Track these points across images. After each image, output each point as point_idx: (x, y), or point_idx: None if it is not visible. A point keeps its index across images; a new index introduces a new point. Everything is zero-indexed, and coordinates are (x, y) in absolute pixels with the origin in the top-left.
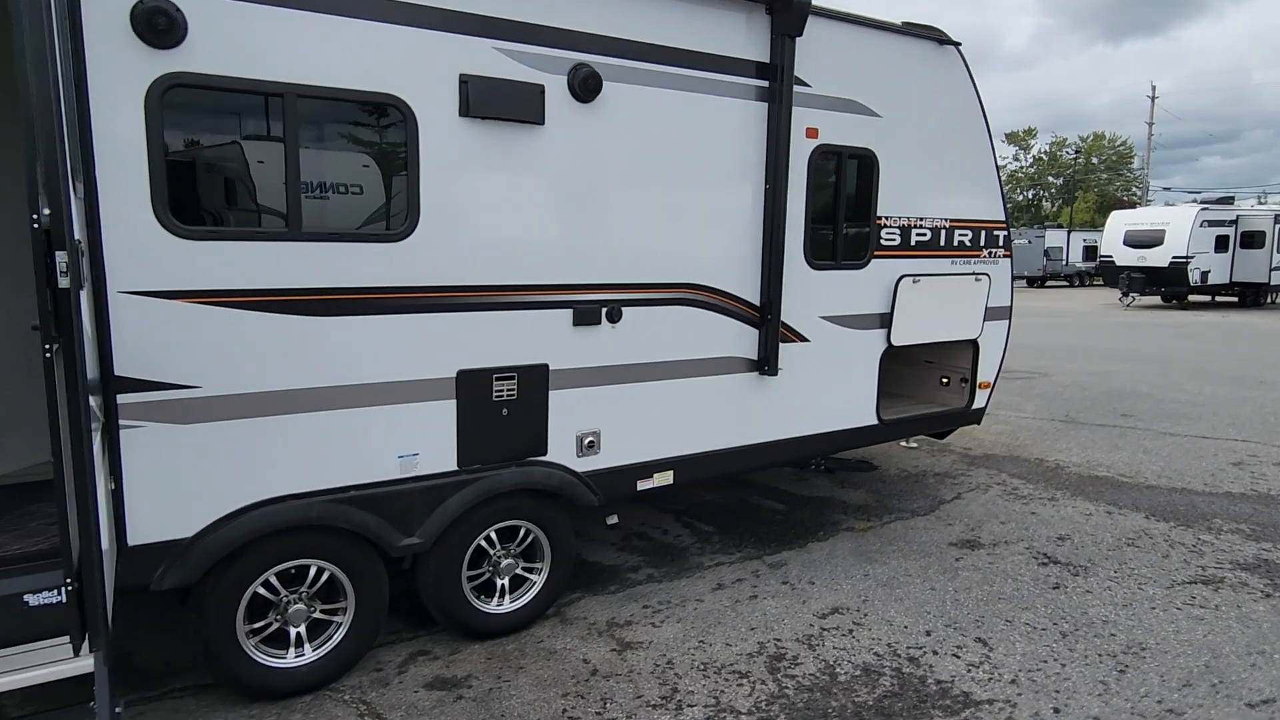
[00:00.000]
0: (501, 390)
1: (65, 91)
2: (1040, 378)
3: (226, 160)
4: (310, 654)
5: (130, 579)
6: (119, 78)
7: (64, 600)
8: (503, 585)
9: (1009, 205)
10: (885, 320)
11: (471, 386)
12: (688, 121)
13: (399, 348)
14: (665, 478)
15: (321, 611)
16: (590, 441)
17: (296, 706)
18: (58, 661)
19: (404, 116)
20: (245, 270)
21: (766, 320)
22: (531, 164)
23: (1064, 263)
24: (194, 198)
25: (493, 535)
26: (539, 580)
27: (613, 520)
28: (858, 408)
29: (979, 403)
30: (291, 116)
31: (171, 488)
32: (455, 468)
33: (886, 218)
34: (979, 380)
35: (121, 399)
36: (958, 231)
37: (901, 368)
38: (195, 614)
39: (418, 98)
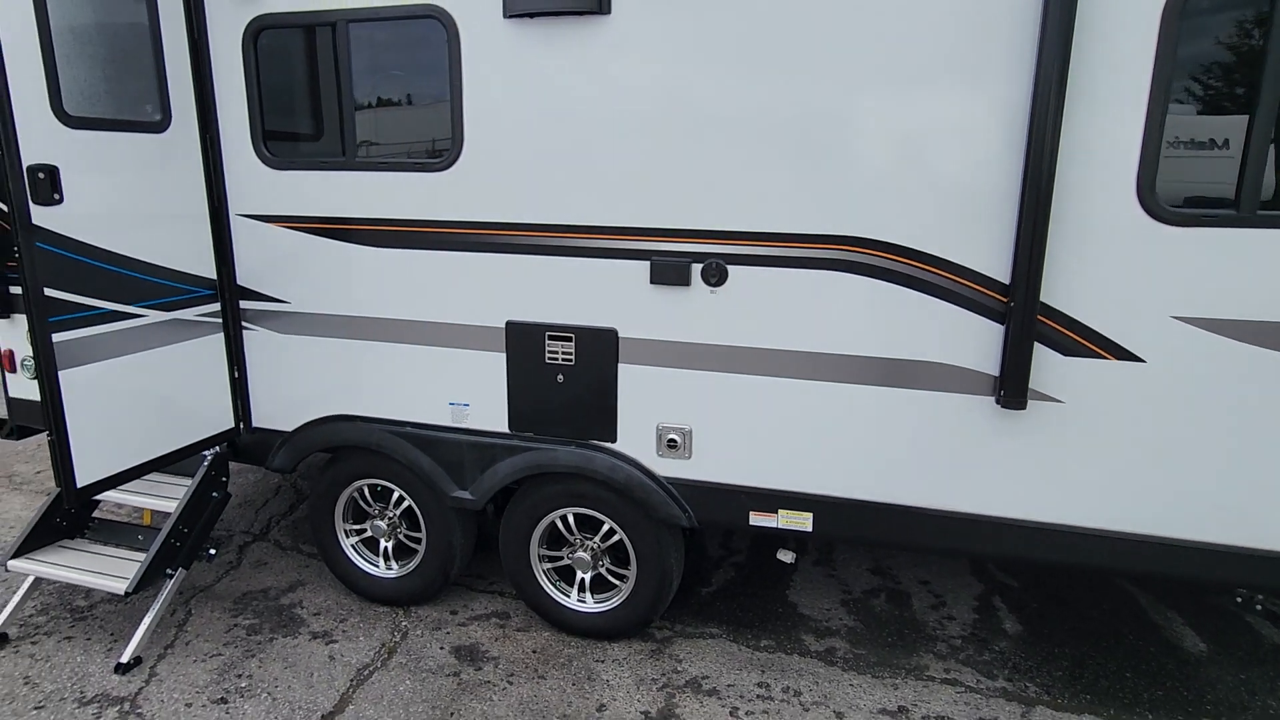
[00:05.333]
0: (556, 352)
1: None
2: None
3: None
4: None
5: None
6: None
7: None
8: (582, 580)
9: None
10: None
11: (521, 342)
12: None
13: (446, 287)
14: (798, 520)
15: (405, 536)
16: (673, 440)
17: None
18: None
19: (445, 28)
20: (312, 197)
21: (1011, 310)
22: (593, 70)
23: None
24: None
25: (570, 520)
26: (624, 589)
27: (788, 558)
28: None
29: None
30: (343, 40)
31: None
32: (507, 429)
33: None
34: None
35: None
36: None
37: None
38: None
39: (458, 2)
